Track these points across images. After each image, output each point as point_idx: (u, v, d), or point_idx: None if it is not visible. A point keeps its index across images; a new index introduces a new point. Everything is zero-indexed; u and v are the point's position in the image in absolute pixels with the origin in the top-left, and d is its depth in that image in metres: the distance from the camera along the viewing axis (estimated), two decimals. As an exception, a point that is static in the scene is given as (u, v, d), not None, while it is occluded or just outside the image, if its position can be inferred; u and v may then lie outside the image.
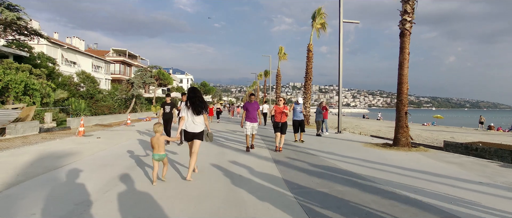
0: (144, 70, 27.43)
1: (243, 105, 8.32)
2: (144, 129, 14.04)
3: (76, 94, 25.32)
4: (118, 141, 9.56)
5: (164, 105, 9.08)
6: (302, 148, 8.84)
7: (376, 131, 23.02)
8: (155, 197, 3.95)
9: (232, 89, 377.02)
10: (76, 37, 43.86)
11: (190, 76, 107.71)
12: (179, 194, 4.14)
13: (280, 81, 28.52)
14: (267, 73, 39.99)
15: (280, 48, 28.42)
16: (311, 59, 18.52)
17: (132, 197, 3.97)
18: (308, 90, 18.65)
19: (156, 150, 4.54)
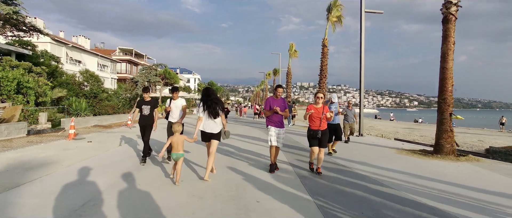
0: (149, 69, 26.33)
1: (266, 103, 5.74)
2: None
3: (80, 93, 24.40)
4: (110, 146, 8.30)
5: (140, 105, 6.32)
6: (333, 160, 7.03)
7: (393, 133, 21.40)
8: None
9: (239, 89, 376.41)
10: (82, 36, 43.19)
11: (197, 76, 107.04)
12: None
13: (291, 79, 27.08)
14: (276, 72, 38.49)
15: (291, 45, 26.98)
16: (326, 55, 17.05)
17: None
18: (323, 88, 17.17)
19: (175, 149, 4.55)
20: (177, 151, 4.53)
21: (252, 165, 6.14)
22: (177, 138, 4.60)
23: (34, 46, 26.77)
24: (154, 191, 4.15)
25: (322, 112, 5.50)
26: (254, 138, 10.94)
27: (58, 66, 25.40)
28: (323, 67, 17.05)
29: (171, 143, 4.57)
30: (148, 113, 6.23)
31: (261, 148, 8.54)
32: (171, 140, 4.58)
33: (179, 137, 4.62)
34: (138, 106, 6.35)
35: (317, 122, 5.49)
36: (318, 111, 5.52)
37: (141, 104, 6.31)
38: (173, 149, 4.56)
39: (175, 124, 4.80)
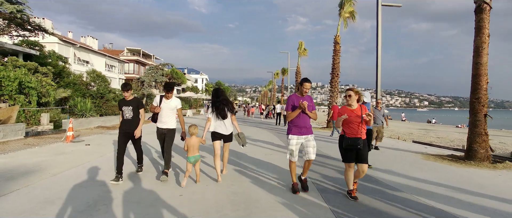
0: (155, 68, 25.90)
1: (288, 102, 4.33)
2: (148, 132, 12.24)
3: (86, 93, 24.15)
4: (107, 150, 7.70)
5: (121, 106, 4.92)
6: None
7: (408, 134, 20.39)
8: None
9: (247, 89, 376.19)
10: (90, 36, 43.19)
11: (205, 76, 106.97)
12: None
13: (300, 79, 26.23)
14: (285, 71, 37.63)
15: (300, 44, 26.13)
16: (338, 53, 16.21)
17: None
18: (335, 88, 16.34)
19: (191, 152, 4.50)
20: (193, 154, 4.51)
21: (263, 176, 5.30)
22: (194, 140, 4.54)
23: (41, 46, 26.66)
24: (148, 210, 3.48)
25: (361, 113, 4.04)
26: (264, 141, 10.21)
27: (65, 67, 25.23)
28: (335, 66, 16.22)
29: (187, 145, 4.51)
30: (131, 115, 4.81)
31: (273, 153, 7.79)
32: (187, 142, 4.53)
33: (195, 139, 4.56)
34: (120, 108, 4.91)
35: (355, 127, 4.04)
36: (354, 112, 4.08)
37: (121, 106, 4.86)
38: (190, 152, 4.50)
39: (192, 126, 4.65)
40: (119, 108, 4.93)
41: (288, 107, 4.24)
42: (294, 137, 4.20)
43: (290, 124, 4.29)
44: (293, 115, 4.15)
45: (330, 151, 8.37)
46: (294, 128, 4.22)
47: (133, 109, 4.81)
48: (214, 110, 4.78)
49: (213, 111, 4.80)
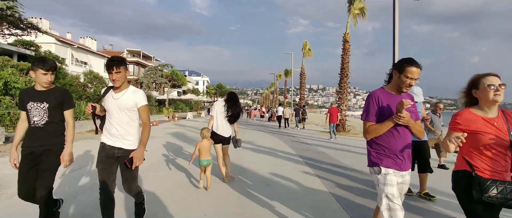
0: (154, 69, 24.94)
1: (369, 102, 2.31)
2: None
3: (83, 95, 23.24)
4: (82, 163, 6.69)
5: (25, 103, 2.67)
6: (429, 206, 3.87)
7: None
8: None
9: (248, 92, 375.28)
10: (89, 37, 42.37)
11: (206, 78, 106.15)
12: None
13: (305, 80, 25.23)
14: (288, 73, 36.58)
15: (305, 43, 25.15)
16: (347, 52, 15.21)
17: None
18: (344, 90, 15.32)
19: (203, 156, 4.38)
20: (205, 157, 4.39)
21: (277, 198, 4.14)
22: (206, 143, 4.45)
23: (37, 47, 25.78)
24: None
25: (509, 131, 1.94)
26: (272, 148, 9.17)
27: (61, 67, 24.34)
28: (344, 66, 15.20)
29: (199, 149, 4.40)
30: (45, 120, 2.65)
31: (285, 164, 6.74)
32: (199, 145, 4.43)
33: (206, 142, 4.46)
34: (23, 107, 2.69)
35: (502, 158, 1.92)
36: (496, 129, 1.94)
37: (26, 101, 2.65)
38: (202, 155, 4.39)
39: (204, 129, 4.52)
40: (19, 105, 2.79)
41: (368, 114, 2.29)
42: (390, 172, 2.20)
43: (375, 146, 2.30)
44: (383, 129, 2.22)
45: (346, 159, 7.32)
46: (385, 156, 2.24)
47: (49, 107, 2.64)
48: (228, 113, 4.77)
49: (227, 114, 4.77)
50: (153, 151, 7.63)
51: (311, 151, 8.49)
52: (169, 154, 7.62)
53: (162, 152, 7.88)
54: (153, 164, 6.23)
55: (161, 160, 6.78)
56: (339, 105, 15.39)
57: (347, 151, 8.89)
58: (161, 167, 6.04)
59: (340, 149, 9.38)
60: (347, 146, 10.10)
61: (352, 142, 11.46)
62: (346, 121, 15.51)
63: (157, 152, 7.82)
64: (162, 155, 7.38)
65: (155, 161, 6.57)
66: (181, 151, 8.10)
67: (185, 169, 5.85)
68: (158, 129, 15.52)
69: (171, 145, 9.12)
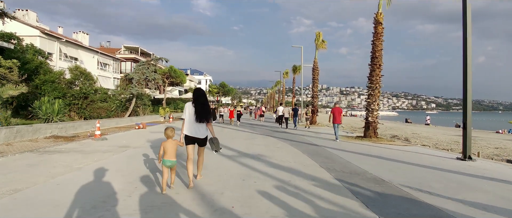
0: (146, 63, 21.96)
1: None
2: (112, 146, 8.20)
3: (67, 93, 20.38)
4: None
5: None
6: None
7: (453, 143, 16.14)
8: None
9: (251, 92, 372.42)
10: (81, 31, 39.53)
11: (208, 77, 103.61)
12: None
13: (318, 75, 22.08)
14: (297, 69, 33.31)
15: (317, 34, 22.01)
16: (380, 37, 12.08)
17: None
18: (375, 84, 12.15)
19: (167, 156, 4.20)
20: (170, 158, 4.19)
21: None
22: (171, 143, 4.25)
23: (19, 40, 22.92)
24: None
25: None
26: (296, 172, 6.12)
27: (44, 62, 21.49)
28: (376, 54, 12.05)
29: (163, 148, 4.21)
30: None
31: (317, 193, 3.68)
32: (163, 145, 4.22)
33: (171, 142, 4.25)
34: None
35: None
36: None
37: None
38: (166, 155, 4.20)
39: (168, 129, 4.27)
40: None
41: None
42: None
43: None
44: None
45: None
46: None
47: None
48: (195, 112, 4.45)
49: (194, 113, 4.45)
50: (115, 172, 4.63)
51: (363, 179, 5.38)
52: (131, 180, 4.60)
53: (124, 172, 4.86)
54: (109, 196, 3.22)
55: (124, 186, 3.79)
56: (369, 105, 12.24)
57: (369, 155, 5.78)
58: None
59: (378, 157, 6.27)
60: (394, 160, 7.01)
61: (398, 154, 8.36)
62: (377, 125, 12.34)
63: (119, 173, 4.81)
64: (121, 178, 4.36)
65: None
66: (149, 179, 5.09)
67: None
68: (140, 133, 12.49)
69: (135, 165, 6.11)
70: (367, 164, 6.53)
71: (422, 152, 8.88)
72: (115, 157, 6.72)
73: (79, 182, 4.45)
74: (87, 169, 5.37)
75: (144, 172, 5.30)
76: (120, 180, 4.66)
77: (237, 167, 5.83)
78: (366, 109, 12.56)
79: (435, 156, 8.17)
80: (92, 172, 5.17)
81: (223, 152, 7.58)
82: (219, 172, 5.40)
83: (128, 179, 4.78)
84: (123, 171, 5.30)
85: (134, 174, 5.10)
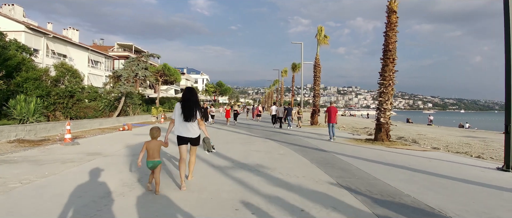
0: (137, 60, 20.48)
1: None
2: (79, 153, 6.78)
3: (52, 92, 18.92)
4: None
5: None
6: None
7: (464, 145, 14.82)
8: None
9: (249, 91, 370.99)
10: (71, 27, 37.86)
11: (205, 76, 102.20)
12: None
13: (320, 73, 20.70)
14: (296, 67, 31.88)
15: (319, 29, 20.63)
16: (394, 27, 10.73)
17: None
18: (389, 81, 10.80)
19: (150, 157, 4.05)
20: (153, 158, 4.04)
21: None
22: (154, 143, 4.10)
23: (2, 35, 21.39)
24: None
25: None
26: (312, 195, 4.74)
27: (27, 59, 20.01)
28: (390, 46, 10.69)
29: (146, 149, 4.05)
30: None
31: None
32: (146, 145, 4.07)
33: (155, 142, 4.12)
34: None
35: None
36: None
37: None
38: (149, 156, 4.05)
39: (154, 128, 4.17)
40: None
41: None
42: None
43: None
44: None
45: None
46: None
47: None
48: (182, 112, 4.32)
49: (181, 113, 4.32)
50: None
51: (403, 206, 4.01)
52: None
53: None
54: None
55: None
56: (381, 104, 10.89)
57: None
58: None
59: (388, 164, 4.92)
60: (413, 170, 5.67)
61: (416, 161, 7.02)
62: (390, 126, 10.99)
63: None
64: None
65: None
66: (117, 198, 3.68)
67: None
68: (123, 136, 11.06)
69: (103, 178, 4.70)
70: (396, 179, 5.17)
71: (449, 159, 7.55)
72: (75, 169, 5.30)
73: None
74: (20, 191, 3.95)
75: (103, 192, 3.90)
76: (59, 209, 3.26)
77: (230, 186, 4.45)
78: (377, 108, 11.22)
79: (468, 165, 6.84)
80: (25, 194, 3.76)
81: (214, 161, 6.19)
82: (204, 194, 4.02)
83: (77, 204, 3.39)
84: (75, 192, 3.89)
85: (88, 196, 3.71)
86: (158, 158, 4.07)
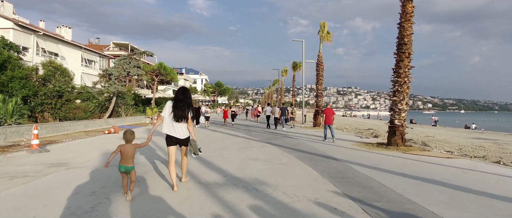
0: (129, 58, 19.26)
1: None
2: (42, 164, 5.56)
3: (40, 92, 17.76)
4: None
5: None
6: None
7: (478, 148, 13.66)
8: None
9: (248, 92, 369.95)
10: (64, 25, 36.64)
11: (204, 76, 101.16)
12: None
13: (323, 72, 19.48)
14: (297, 66, 30.59)
15: (322, 25, 19.41)
16: (409, 18, 9.51)
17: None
18: (404, 78, 9.57)
19: (124, 161, 3.80)
20: (126, 163, 3.80)
21: None
22: (128, 147, 3.85)
23: (-12, 32, 20.30)
24: None
25: None
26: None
27: (14, 57, 18.80)
28: (405, 39, 9.47)
29: (120, 152, 3.78)
30: None
31: None
32: (119, 148, 3.81)
33: (129, 146, 3.87)
34: None
35: None
36: None
37: None
38: (122, 160, 3.80)
39: (128, 131, 3.97)
40: None
41: None
42: None
43: None
44: None
45: None
46: None
47: None
48: (173, 111, 4.20)
49: (171, 112, 4.21)
50: None
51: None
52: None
53: None
54: None
55: None
56: (395, 104, 9.68)
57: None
58: None
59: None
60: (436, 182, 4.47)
61: (434, 171, 5.82)
62: (405, 129, 9.77)
63: None
64: None
65: None
66: None
67: None
68: (105, 141, 9.83)
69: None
70: (435, 200, 3.96)
71: (484, 170, 6.34)
72: (17, 189, 4.08)
73: None
74: None
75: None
76: None
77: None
78: (390, 109, 9.99)
79: (504, 176, 5.64)
80: None
81: (203, 175, 4.99)
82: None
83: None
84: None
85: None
86: (131, 164, 3.83)
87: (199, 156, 4.57)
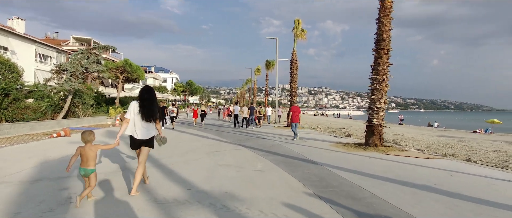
0: (87, 52, 17.45)
1: None
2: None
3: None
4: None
5: None
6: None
7: (444, 145, 13.96)
8: None
9: (221, 91, 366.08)
10: (16, 17, 33.17)
11: (175, 75, 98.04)
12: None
13: (297, 70, 19.00)
14: (270, 65, 30.03)
15: (296, 22, 18.94)
16: (389, 13, 9.14)
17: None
18: (383, 75, 9.18)
19: (84, 164, 3.62)
20: (86, 166, 3.61)
21: None
22: (88, 148, 3.65)
23: None
24: None
25: None
26: None
27: None
28: (384, 36, 9.09)
29: (80, 154, 3.60)
30: None
31: None
32: (79, 151, 3.61)
33: (90, 147, 3.67)
34: None
35: None
36: None
37: None
38: (82, 163, 3.61)
39: (86, 132, 3.76)
40: None
41: None
42: None
43: None
44: None
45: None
46: None
47: None
48: (141, 110, 4.02)
49: (139, 111, 4.02)
50: None
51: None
52: None
53: None
54: None
55: None
56: (373, 102, 9.28)
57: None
58: None
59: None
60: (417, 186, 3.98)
61: (415, 173, 5.39)
62: (383, 129, 9.42)
63: None
64: None
65: None
66: None
67: None
68: (49, 146, 8.45)
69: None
70: (434, 212, 3.39)
71: (467, 171, 6.00)
72: None
73: None
74: None
75: None
76: None
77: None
78: (369, 108, 9.61)
79: (491, 178, 5.30)
80: None
81: (161, 188, 4.08)
82: None
83: None
84: None
85: None
86: (92, 167, 3.63)
87: (160, 164, 4.22)
